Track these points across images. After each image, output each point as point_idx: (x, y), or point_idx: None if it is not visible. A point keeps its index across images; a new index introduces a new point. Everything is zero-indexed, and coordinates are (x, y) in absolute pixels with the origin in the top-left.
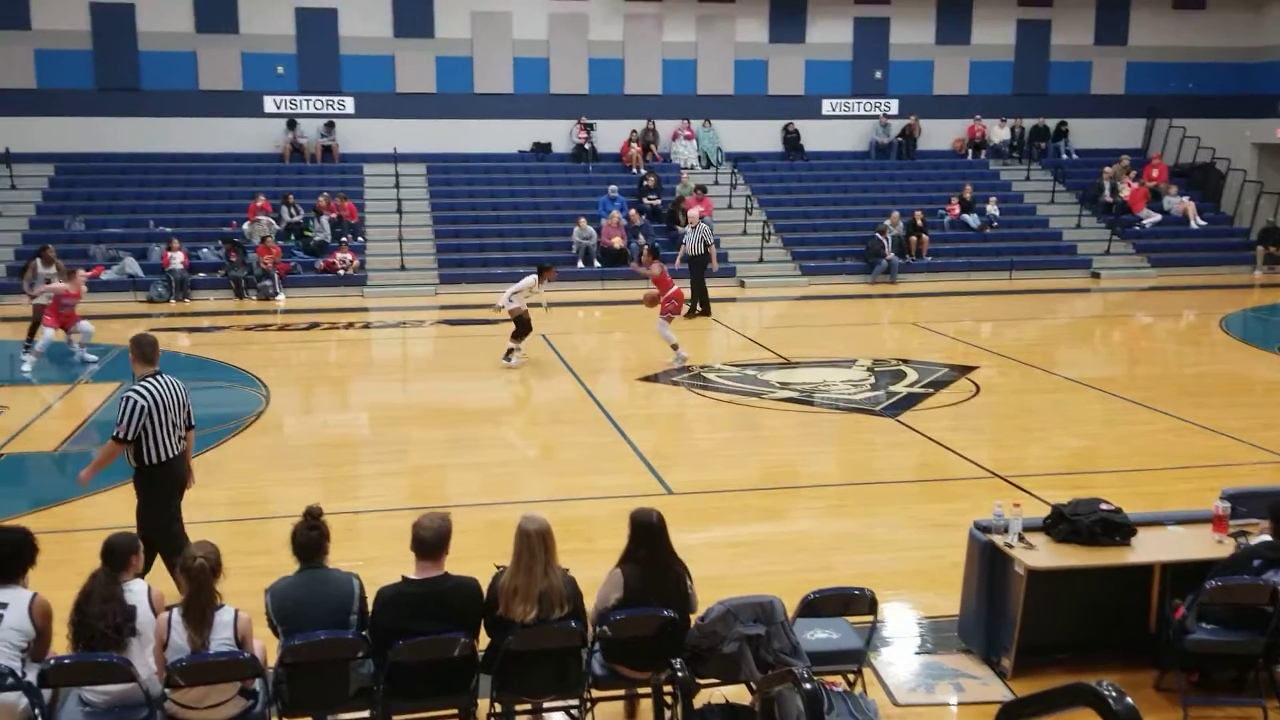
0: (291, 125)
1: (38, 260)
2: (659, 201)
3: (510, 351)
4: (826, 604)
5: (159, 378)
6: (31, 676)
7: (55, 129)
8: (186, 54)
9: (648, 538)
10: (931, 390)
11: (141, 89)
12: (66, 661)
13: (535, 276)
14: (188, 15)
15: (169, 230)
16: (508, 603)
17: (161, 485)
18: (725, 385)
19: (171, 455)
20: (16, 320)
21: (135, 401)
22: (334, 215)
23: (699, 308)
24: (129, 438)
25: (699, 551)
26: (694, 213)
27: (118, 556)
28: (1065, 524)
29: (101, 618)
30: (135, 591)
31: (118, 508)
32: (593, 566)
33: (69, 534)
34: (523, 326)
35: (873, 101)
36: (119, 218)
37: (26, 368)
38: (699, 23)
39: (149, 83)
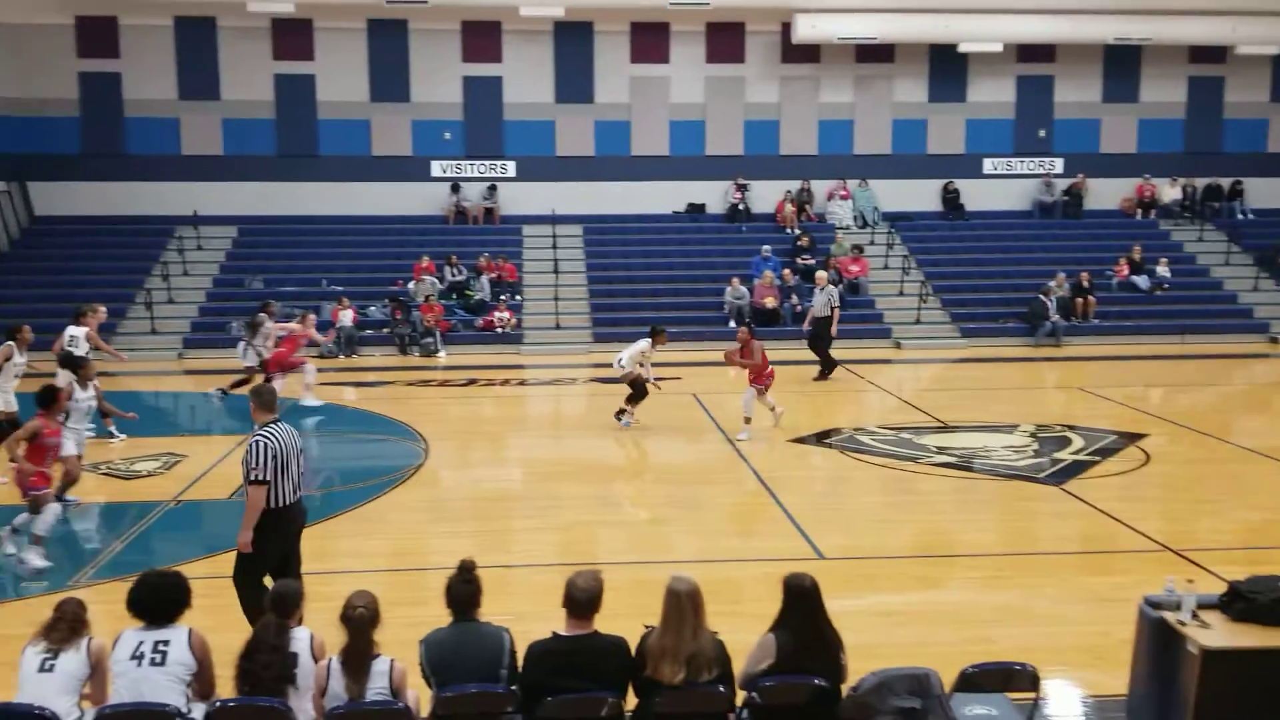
0: (456, 189)
1: (263, 315)
2: (813, 261)
3: (622, 412)
4: (986, 679)
5: (280, 425)
6: (197, 715)
7: (240, 193)
8: (361, 121)
9: (802, 604)
10: (1098, 458)
11: (319, 155)
12: (231, 704)
13: (648, 340)
14: (363, 85)
15: (340, 289)
16: (656, 663)
17: (278, 530)
18: (880, 448)
19: (290, 501)
20: (200, 373)
21: (264, 444)
22: (494, 275)
23: (825, 370)
24: (266, 478)
25: (851, 619)
26: (822, 274)
27: (286, 604)
28: (1242, 602)
29: (267, 667)
30: (298, 639)
31: None
32: (740, 630)
33: None
34: (638, 390)
35: (1036, 160)
36: (295, 276)
37: (216, 402)
38: (856, 83)
39: (326, 149)
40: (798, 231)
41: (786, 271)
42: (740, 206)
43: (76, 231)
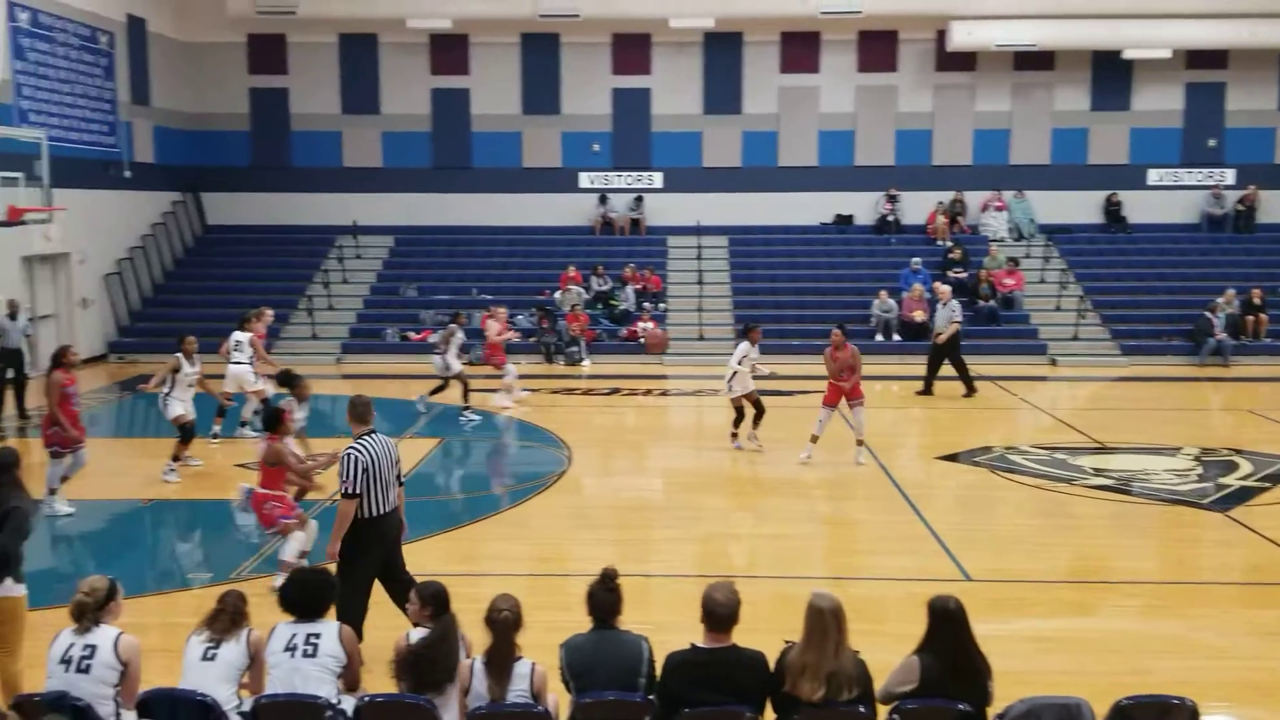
0: (603, 200)
1: (454, 325)
2: (964, 275)
3: (735, 435)
4: (1141, 712)
5: (374, 436)
6: (346, 707)
7: (397, 203)
8: (513, 134)
9: (946, 627)
10: (1268, 484)
11: (472, 167)
12: (380, 700)
13: (746, 343)
14: (515, 98)
15: (489, 298)
16: (795, 680)
17: (372, 540)
18: (1032, 468)
19: (384, 510)
20: (356, 378)
21: (355, 457)
22: (639, 286)
23: (968, 388)
24: (356, 491)
25: (998, 644)
26: (945, 288)
27: (446, 600)
28: None
29: (447, 656)
30: None
31: (439, 555)
32: (882, 650)
33: None
34: (740, 414)
35: (1205, 171)
36: (447, 285)
37: (422, 409)
38: (1014, 91)
39: (479, 161)
40: (949, 244)
41: (937, 284)
42: (890, 218)
43: (244, 240)
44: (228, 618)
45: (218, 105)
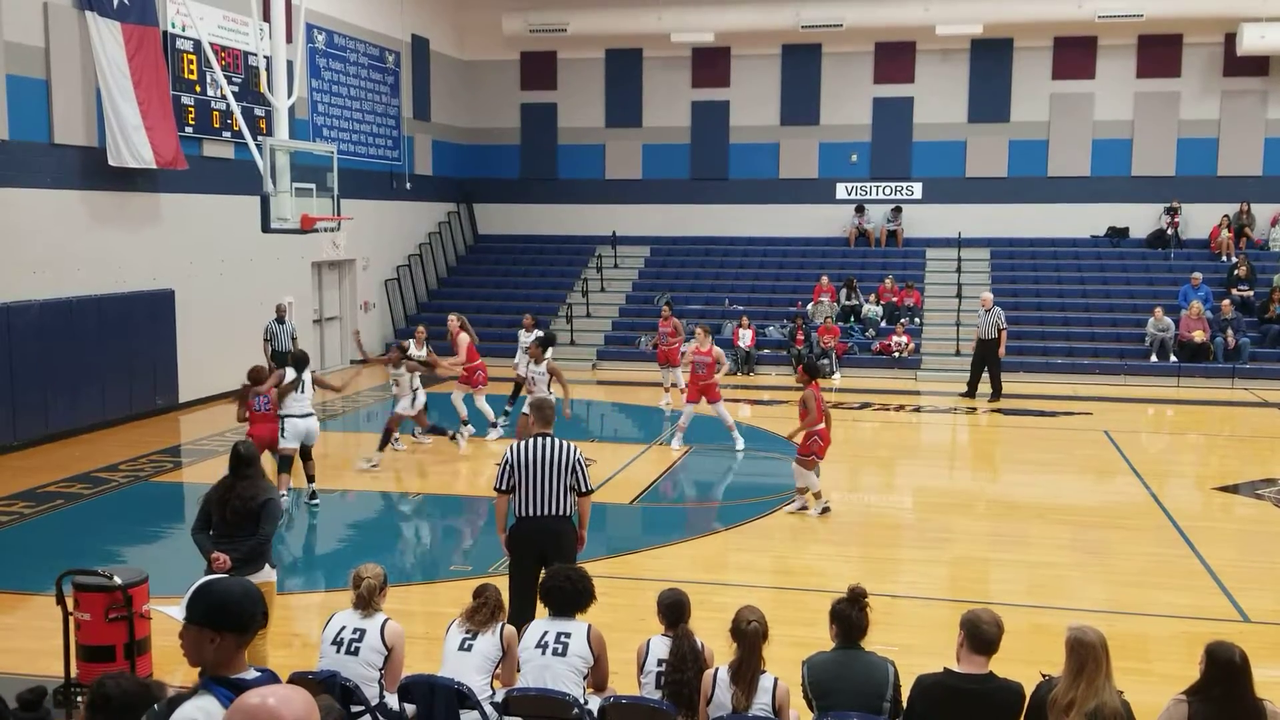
0: (860, 210)
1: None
2: (1250, 293)
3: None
4: None
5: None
6: (592, 707)
7: (654, 214)
8: (770, 145)
9: (1226, 677)
10: None
11: (729, 178)
12: (624, 701)
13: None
14: (774, 109)
15: (741, 309)
16: (1058, 715)
17: (519, 541)
18: None
19: (531, 513)
20: (610, 384)
21: (504, 455)
22: (894, 300)
23: (995, 392)
24: (499, 487)
25: (1277, 692)
26: (987, 296)
27: (679, 611)
28: None
29: (698, 675)
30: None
31: (685, 562)
32: (1146, 691)
33: (635, 581)
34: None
35: None
36: (700, 295)
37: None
38: None
39: (735, 172)
40: (1234, 259)
41: (1225, 303)
42: (1169, 231)
43: (511, 249)
44: (487, 611)
45: (491, 120)
